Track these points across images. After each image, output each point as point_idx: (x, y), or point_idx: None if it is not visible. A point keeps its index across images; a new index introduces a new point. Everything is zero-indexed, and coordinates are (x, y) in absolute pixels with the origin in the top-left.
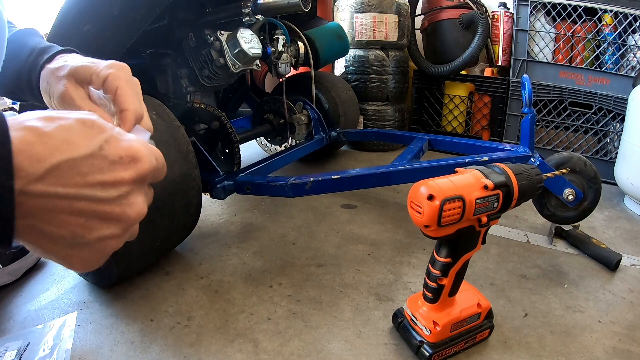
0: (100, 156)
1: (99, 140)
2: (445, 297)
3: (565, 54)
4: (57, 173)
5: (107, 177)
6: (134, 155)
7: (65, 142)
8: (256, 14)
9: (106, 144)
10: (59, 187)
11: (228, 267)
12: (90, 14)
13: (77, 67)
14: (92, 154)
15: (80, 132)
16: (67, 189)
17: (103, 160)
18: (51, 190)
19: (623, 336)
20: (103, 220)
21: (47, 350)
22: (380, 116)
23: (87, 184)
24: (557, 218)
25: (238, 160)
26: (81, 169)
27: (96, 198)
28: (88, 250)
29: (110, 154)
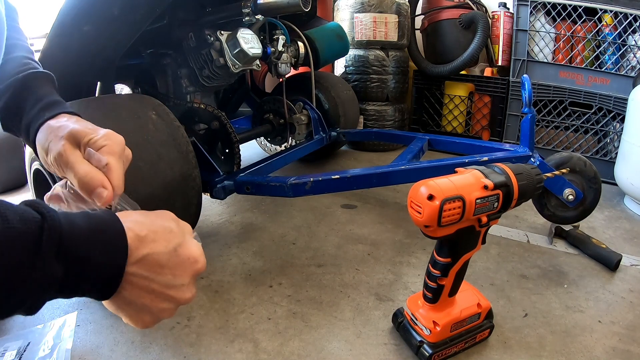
0: (175, 255)
1: (175, 244)
2: (445, 297)
3: (565, 54)
4: (144, 261)
5: (176, 271)
6: (196, 258)
7: (152, 242)
8: (256, 14)
9: (179, 247)
10: (145, 271)
11: (228, 267)
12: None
13: (76, 130)
14: (169, 252)
15: (163, 235)
16: (148, 273)
17: (177, 258)
18: (138, 271)
19: (623, 336)
20: (166, 299)
21: (47, 350)
22: (380, 116)
23: (162, 273)
24: (557, 218)
25: (238, 160)
26: (160, 261)
27: (166, 283)
28: (149, 316)
29: (181, 254)
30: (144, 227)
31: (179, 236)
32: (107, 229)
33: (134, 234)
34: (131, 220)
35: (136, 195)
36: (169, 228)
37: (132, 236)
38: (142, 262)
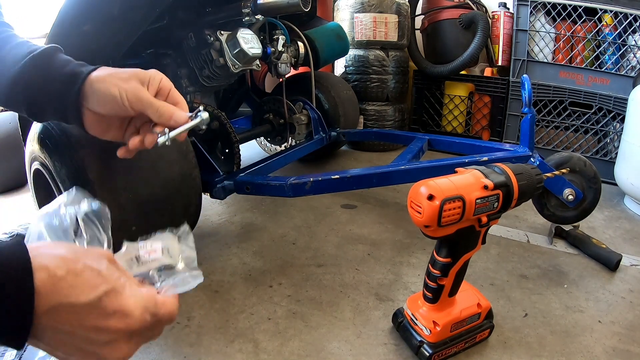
0: (98, 306)
1: (100, 292)
2: (445, 297)
3: (565, 54)
4: (56, 312)
5: (99, 324)
6: (126, 312)
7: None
8: (256, 14)
9: (105, 297)
10: (57, 323)
11: (228, 267)
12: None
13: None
14: (90, 303)
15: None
16: (64, 326)
17: (99, 310)
18: (50, 323)
19: (623, 336)
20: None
21: None
22: (380, 116)
23: (82, 326)
24: (557, 218)
25: (238, 160)
26: (78, 313)
27: (88, 339)
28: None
29: (106, 306)
30: (62, 265)
31: (109, 281)
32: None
33: (47, 274)
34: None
35: (136, 195)
36: (96, 270)
37: (43, 277)
38: (53, 313)
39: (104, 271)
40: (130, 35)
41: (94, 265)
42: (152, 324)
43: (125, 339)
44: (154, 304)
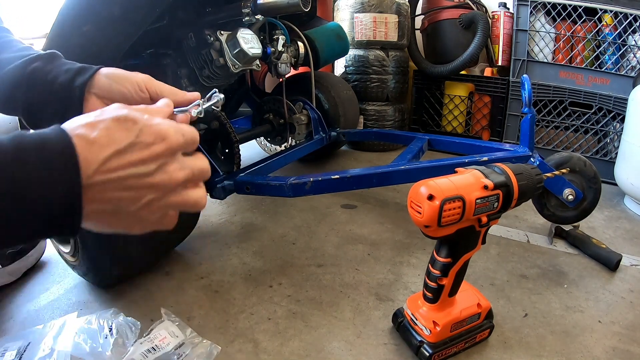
0: (138, 142)
1: (135, 131)
2: (445, 297)
3: (565, 54)
4: (106, 164)
5: (144, 156)
6: (163, 134)
7: (109, 139)
8: (256, 14)
9: (140, 133)
10: (110, 173)
11: (228, 267)
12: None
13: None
14: (130, 143)
15: (119, 128)
16: (117, 173)
17: (140, 145)
18: (104, 178)
19: (623, 336)
20: (146, 189)
21: (47, 350)
22: (380, 116)
23: (131, 165)
24: (557, 218)
25: (238, 160)
26: (123, 155)
27: (139, 173)
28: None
29: (144, 139)
30: (92, 128)
31: (138, 120)
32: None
33: (85, 141)
34: (76, 125)
35: None
36: (123, 117)
37: (83, 145)
38: (103, 166)
39: (130, 114)
40: (130, 36)
41: (116, 114)
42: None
43: (171, 159)
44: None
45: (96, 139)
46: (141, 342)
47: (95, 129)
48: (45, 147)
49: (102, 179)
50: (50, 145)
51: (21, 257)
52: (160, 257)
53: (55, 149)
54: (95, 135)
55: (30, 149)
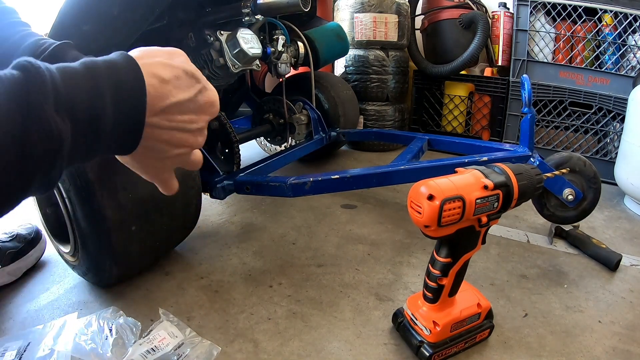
0: (195, 101)
1: (196, 90)
2: (445, 297)
3: (565, 54)
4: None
5: (195, 116)
6: (213, 102)
7: (176, 88)
8: (256, 14)
9: (199, 94)
10: (167, 121)
11: (228, 267)
12: (89, 14)
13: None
14: (190, 99)
15: (186, 81)
16: (171, 123)
17: (196, 104)
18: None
19: (623, 336)
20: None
21: (47, 350)
22: (380, 116)
23: (183, 120)
24: (556, 218)
25: (238, 160)
26: (182, 108)
27: (185, 129)
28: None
29: (201, 100)
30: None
31: (200, 81)
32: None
33: (157, 79)
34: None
35: (136, 194)
36: (191, 72)
37: (154, 83)
38: (164, 112)
39: (196, 73)
40: (130, 36)
41: (188, 68)
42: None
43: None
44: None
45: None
46: (140, 343)
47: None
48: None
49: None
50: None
51: (21, 257)
52: (160, 257)
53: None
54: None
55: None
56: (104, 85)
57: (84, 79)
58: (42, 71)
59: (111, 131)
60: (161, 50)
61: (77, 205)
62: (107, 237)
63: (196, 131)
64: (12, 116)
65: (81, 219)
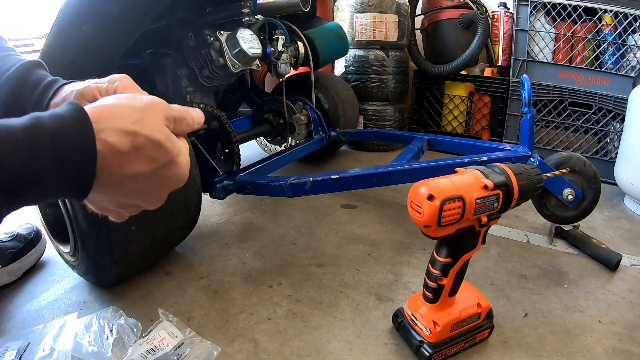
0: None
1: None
2: (445, 297)
3: (565, 54)
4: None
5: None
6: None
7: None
8: (256, 14)
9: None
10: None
11: (228, 267)
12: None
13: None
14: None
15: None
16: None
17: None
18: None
19: (623, 336)
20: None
21: (47, 350)
22: (380, 116)
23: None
24: (556, 218)
25: (238, 160)
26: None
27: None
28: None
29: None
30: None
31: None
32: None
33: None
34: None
35: None
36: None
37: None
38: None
39: (165, 143)
40: (129, 35)
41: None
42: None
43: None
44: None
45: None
46: (140, 343)
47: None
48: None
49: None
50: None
51: (21, 257)
52: (160, 257)
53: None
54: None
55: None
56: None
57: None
58: None
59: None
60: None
61: (77, 205)
62: (107, 237)
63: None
64: None
65: (81, 219)
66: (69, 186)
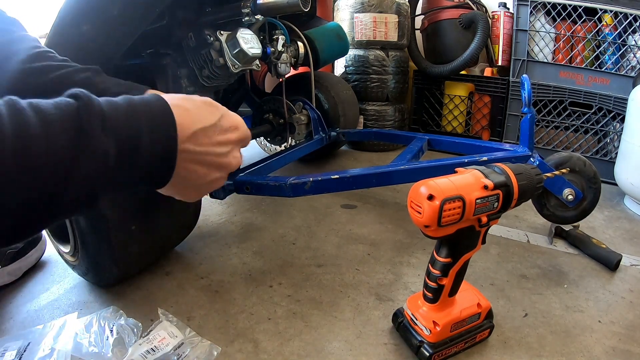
0: (219, 125)
1: (217, 115)
2: (445, 297)
3: (565, 54)
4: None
5: (222, 139)
6: (237, 125)
7: (199, 116)
8: (256, 14)
9: (222, 118)
10: (197, 146)
11: (228, 267)
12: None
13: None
14: (214, 124)
15: (206, 109)
16: (201, 147)
17: (220, 128)
18: (192, 148)
19: (623, 336)
20: (216, 168)
21: (47, 350)
22: (380, 116)
23: (211, 144)
24: (556, 218)
25: None
26: (208, 133)
27: (216, 153)
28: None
29: (224, 124)
30: (187, 103)
31: (219, 108)
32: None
33: (182, 109)
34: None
35: (135, 194)
36: (208, 102)
37: (180, 113)
38: (192, 137)
39: (214, 103)
40: (129, 36)
41: (204, 99)
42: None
43: (237, 146)
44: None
45: (190, 111)
46: (140, 343)
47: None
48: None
49: (189, 148)
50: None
51: (21, 257)
52: (160, 257)
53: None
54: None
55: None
56: (140, 115)
57: (124, 108)
58: (92, 99)
59: (147, 158)
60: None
61: None
62: (107, 237)
63: (226, 154)
64: (68, 134)
65: (81, 218)
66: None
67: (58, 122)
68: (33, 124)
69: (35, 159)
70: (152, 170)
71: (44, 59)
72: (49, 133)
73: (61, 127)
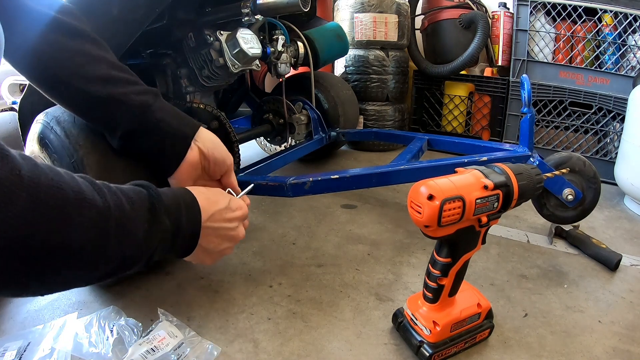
0: (229, 207)
1: (228, 199)
2: (445, 297)
3: (565, 54)
4: (213, 216)
5: (231, 216)
6: (241, 206)
7: (215, 201)
8: (255, 14)
9: (230, 201)
10: (214, 222)
11: (228, 267)
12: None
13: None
14: (225, 207)
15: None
16: (217, 224)
17: (230, 209)
18: (211, 225)
19: (623, 336)
20: (227, 239)
21: (47, 350)
22: (380, 116)
23: (224, 220)
24: (556, 218)
25: (237, 160)
26: (222, 214)
27: (227, 228)
28: (216, 255)
29: (232, 206)
30: (208, 193)
31: (227, 195)
32: (184, 196)
33: (204, 198)
34: (197, 190)
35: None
36: (219, 192)
37: (202, 200)
38: (212, 217)
39: (223, 192)
40: (129, 36)
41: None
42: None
43: (241, 223)
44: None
45: (210, 198)
46: (140, 343)
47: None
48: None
49: (209, 225)
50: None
51: None
52: None
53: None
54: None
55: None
56: (179, 202)
57: (171, 198)
58: (156, 189)
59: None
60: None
61: None
62: None
63: (234, 228)
64: (144, 215)
65: None
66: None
67: (140, 206)
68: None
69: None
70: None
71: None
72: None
73: (142, 210)
